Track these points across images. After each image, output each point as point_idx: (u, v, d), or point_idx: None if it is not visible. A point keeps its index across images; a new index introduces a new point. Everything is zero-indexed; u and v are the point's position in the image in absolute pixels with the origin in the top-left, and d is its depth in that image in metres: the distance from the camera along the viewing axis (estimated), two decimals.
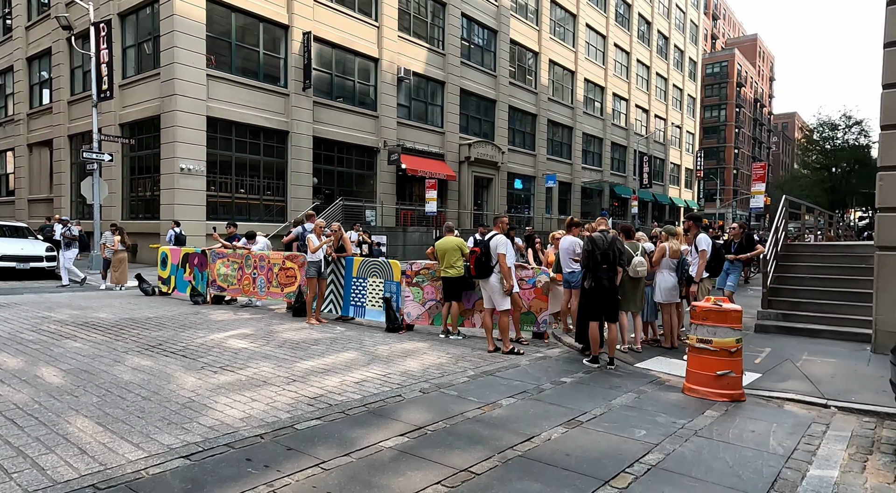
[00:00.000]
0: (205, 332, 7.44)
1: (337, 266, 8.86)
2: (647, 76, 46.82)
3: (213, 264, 10.54)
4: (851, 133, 36.79)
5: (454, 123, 27.56)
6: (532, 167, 33.60)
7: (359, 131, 23.07)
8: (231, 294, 10.32)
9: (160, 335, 7.14)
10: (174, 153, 17.16)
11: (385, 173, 24.24)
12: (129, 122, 19.30)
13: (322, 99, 21.53)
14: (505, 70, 30.66)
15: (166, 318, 8.65)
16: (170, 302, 10.64)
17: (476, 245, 6.62)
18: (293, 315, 9.18)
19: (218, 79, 18.23)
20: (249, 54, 19.49)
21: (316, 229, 8.55)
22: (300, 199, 20.90)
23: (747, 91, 73.48)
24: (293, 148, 20.60)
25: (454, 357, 6.19)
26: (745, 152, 74.75)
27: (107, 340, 6.78)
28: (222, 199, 19.04)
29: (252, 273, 9.97)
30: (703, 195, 59.97)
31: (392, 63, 24.00)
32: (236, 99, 18.79)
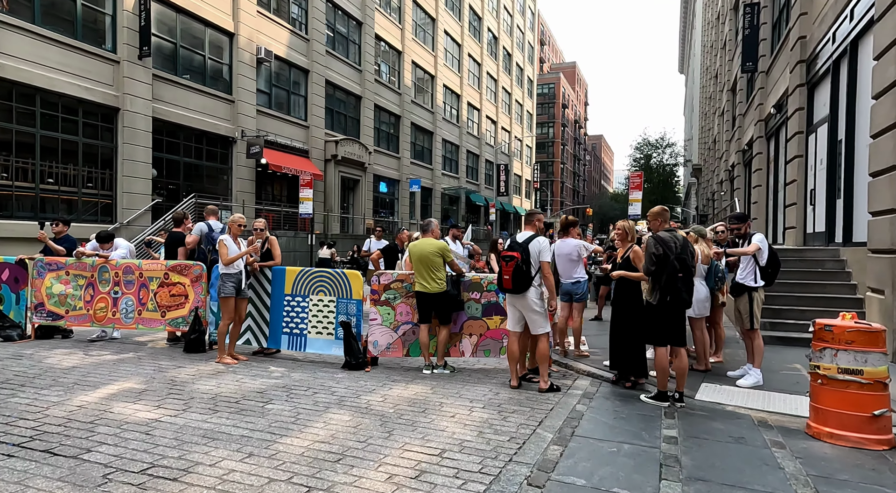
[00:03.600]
0: (61, 393, 4.59)
1: (258, 280, 6.44)
2: (495, 89, 48.94)
3: (38, 280, 7.12)
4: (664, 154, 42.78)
5: (319, 116, 24.99)
6: (397, 170, 32.32)
7: (211, 117, 19.34)
8: (72, 323, 7.05)
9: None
10: None
11: (243, 168, 20.75)
12: None
13: (164, 73, 17.48)
14: (371, 65, 28.94)
15: None
16: None
17: (512, 248, 4.99)
18: (184, 351, 6.48)
19: (13, 28, 13.45)
20: (62, 2, 14.86)
21: (232, 230, 6.06)
22: (134, 194, 16.62)
23: (570, 112, 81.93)
24: (125, 130, 16.28)
25: (488, 406, 4.52)
26: (568, 167, 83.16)
27: None
28: (20, 191, 14.10)
29: (111, 292, 6.90)
30: (539, 205, 64.83)
31: (250, 41, 20.71)
32: (43, 59, 14.10)
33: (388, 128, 31.68)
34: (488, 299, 6.05)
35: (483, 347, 6.04)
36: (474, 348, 6.04)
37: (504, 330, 6.04)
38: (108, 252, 7.02)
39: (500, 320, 6.03)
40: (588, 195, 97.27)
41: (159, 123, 17.30)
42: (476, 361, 6.42)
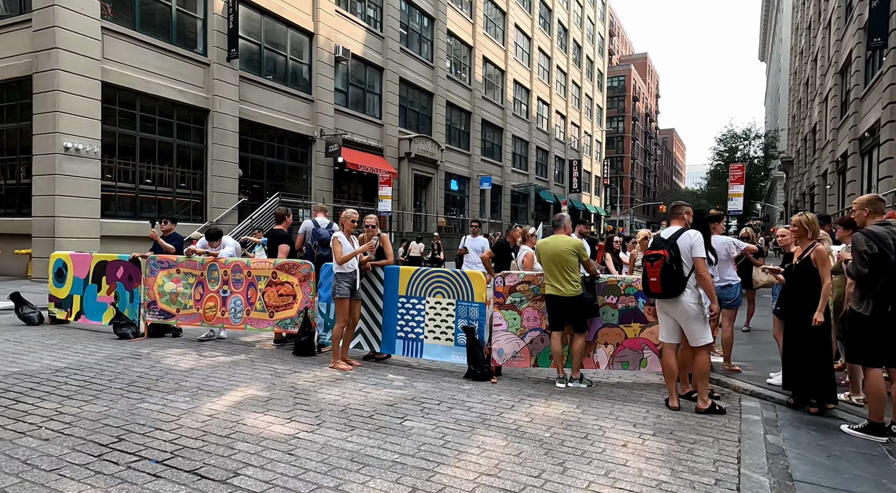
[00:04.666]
0: (188, 399, 4.34)
1: (369, 280, 6.06)
2: (565, 83, 47.45)
3: (151, 278, 7.10)
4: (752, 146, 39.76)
5: (393, 114, 24.90)
6: (467, 168, 31.86)
7: (292, 116, 19.60)
8: (182, 322, 6.97)
9: (104, 412, 3.95)
10: (55, 127, 12.74)
11: (321, 167, 20.94)
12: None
13: (250, 74, 17.84)
14: (443, 62, 28.62)
15: (89, 369, 5.27)
16: (75, 336, 7.00)
17: (657, 246, 4.31)
18: (294, 354, 6.20)
19: (117, 35, 14.01)
20: (159, 8, 15.39)
21: (345, 226, 5.70)
22: (223, 194, 17.04)
23: (640, 105, 78.53)
24: (215, 131, 16.71)
25: (658, 433, 3.86)
26: (638, 163, 79.76)
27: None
28: (122, 191, 14.72)
29: (220, 291, 6.75)
30: (608, 202, 62.52)
31: (329, 40, 20.83)
32: (142, 63, 14.64)
33: (458, 125, 31.27)
34: (626, 304, 5.35)
35: (621, 358, 5.35)
36: (611, 360, 5.36)
37: (645, 340, 5.33)
38: (217, 250, 6.88)
39: (640, 329, 5.32)
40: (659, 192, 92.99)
41: (244, 124, 17.67)
42: (608, 373, 5.74)
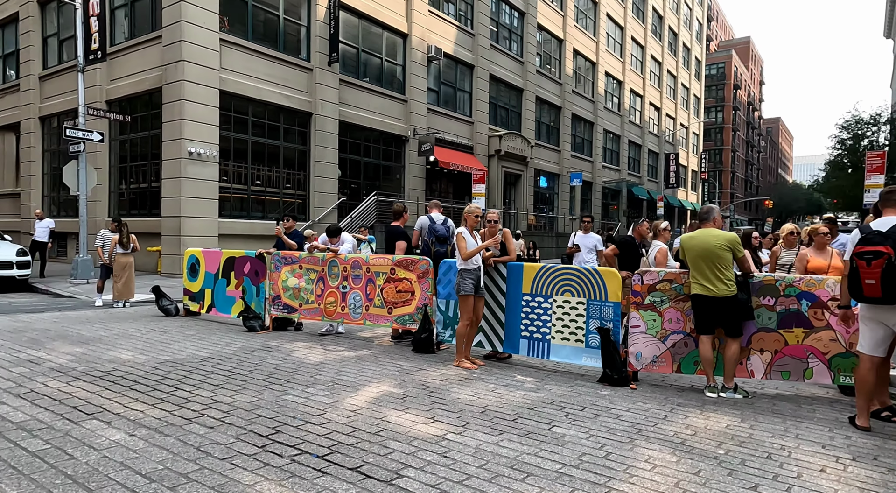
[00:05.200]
0: (327, 393, 4.37)
1: (490, 277, 5.87)
2: (660, 73, 44.95)
3: (275, 274, 7.39)
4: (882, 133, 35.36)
5: (483, 111, 24.74)
6: (557, 164, 31.04)
7: (387, 117, 20.00)
8: (305, 316, 7.18)
9: (254, 402, 4.05)
10: (181, 133, 13.81)
11: (414, 166, 21.22)
12: (119, 98, 15.81)
13: (348, 77, 18.39)
14: (532, 57, 28.04)
15: (229, 359, 5.51)
16: (209, 327, 7.45)
17: (872, 241, 3.65)
18: (413, 350, 6.16)
19: (232, 45, 14.94)
20: (268, 18, 16.24)
21: (468, 221, 5.55)
22: (324, 194, 17.72)
23: (742, 94, 72.82)
24: (317, 133, 17.40)
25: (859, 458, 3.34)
26: (739, 155, 74.03)
27: (165, 417, 3.67)
28: (236, 192, 15.71)
29: (340, 286, 6.87)
30: (706, 198, 58.56)
31: (422, 40, 21.03)
32: (253, 71, 15.52)
33: (548, 120, 30.53)
34: (786, 307, 4.75)
35: (780, 367, 4.77)
36: (767, 368, 4.79)
37: (810, 348, 4.70)
38: (337, 246, 7.02)
39: (804, 335, 4.71)
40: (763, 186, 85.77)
41: (342, 126, 18.24)
42: (761, 383, 5.15)
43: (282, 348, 6.19)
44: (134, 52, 15.21)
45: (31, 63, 18.16)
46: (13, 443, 3.16)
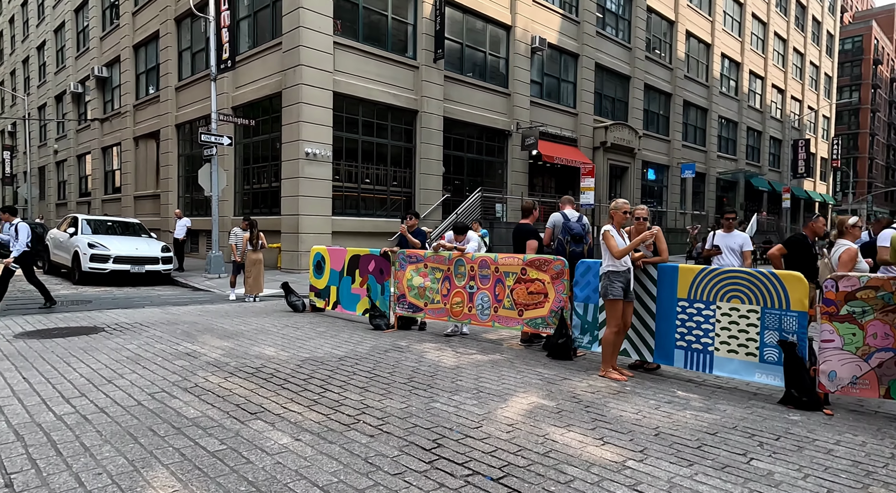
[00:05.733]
0: (474, 402, 4.15)
1: (638, 280, 5.34)
2: (784, 51, 40.61)
3: (400, 272, 7.35)
4: None
5: (588, 102, 23.65)
6: (666, 155, 29.05)
7: (489, 111, 19.70)
8: (430, 316, 7.07)
9: (405, 409, 3.91)
10: (299, 135, 14.44)
11: (517, 161, 20.75)
12: (243, 104, 16.91)
13: (452, 73, 18.31)
14: (640, 41, 26.37)
15: (365, 359, 5.48)
16: (337, 324, 7.58)
17: None
18: (549, 356, 5.80)
19: (344, 48, 15.38)
20: (377, 19, 16.55)
21: (616, 218, 5.08)
22: (429, 191, 17.80)
23: (884, 69, 63.99)
24: (422, 130, 17.51)
25: None
26: (880, 139, 65.19)
27: (323, 421, 3.63)
28: (348, 191, 16.21)
29: (467, 286, 6.66)
30: (838, 188, 52.27)
31: (526, 31, 20.46)
32: (363, 72, 15.89)
33: (657, 108, 28.62)
34: None
35: None
36: None
37: None
38: (464, 245, 6.82)
39: None
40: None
41: (447, 122, 18.21)
42: None
43: (412, 348, 6.10)
44: (256, 60, 16.16)
45: (169, 75, 19.98)
46: (193, 441, 3.23)
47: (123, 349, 5.67)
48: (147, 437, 3.28)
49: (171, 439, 3.26)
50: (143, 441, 3.21)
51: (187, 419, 3.60)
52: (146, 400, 3.99)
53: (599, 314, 5.63)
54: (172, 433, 3.35)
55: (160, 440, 3.24)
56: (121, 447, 3.12)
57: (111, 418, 3.60)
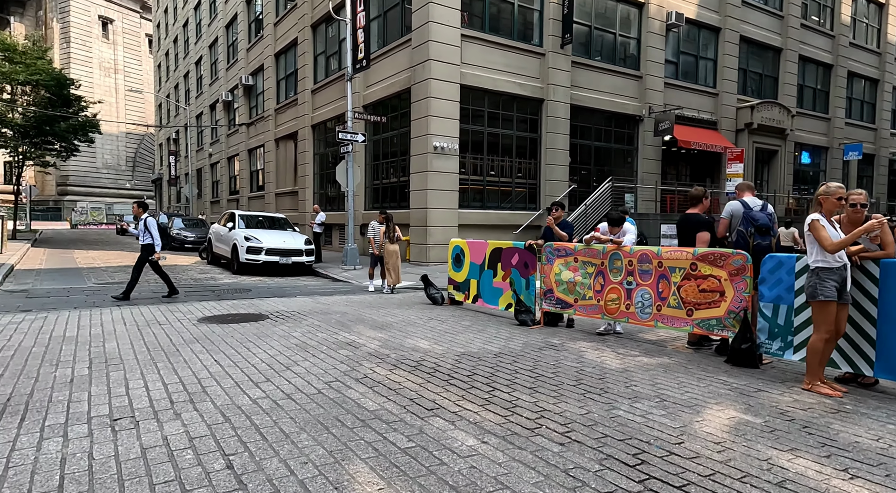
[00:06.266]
0: (659, 411, 3.74)
1: (855, 278, 4.50)
2: None
3: (547, 266, 7.03)
4: None
5: (731, 80, 21.38)
6: (825, 135, 25.44)
7: (619, 96, 18.55)
8: (581, 313, 6.66)
9: (586, 416, 3.63)
10: (427, 130, 14.64)
11: (649, 147, 19.36)
12: (373, 102, 17.56)
13: (580, 58, 17.48)
14: (795, 8, 23.25)
15: (521, 357, 5.25)
16: (480, 318, 7.47)
17: None
18: (727, 362, 5.14)
19: (470, 39, 15.29)
20: (502, 7, 16.24)
21: (825, 206, 4.31)
22: (554, 181, 17.20)
23: None
24: (548, 119, 16.94)
25: None
26: None
27: (503, 423, 3.46)
28: (473, 183, 16.17)
29: (624, 282, 6.16)
30: None
31: (660, 7, 18.92)
32: (489, 62, 15.70)
33: (813, 83, 25.14)
34: None
35: None
36: None
37: None
38: (620, 237, 6.32)
39: None
40: None
41: (573, 109, 17.44)
42: None
43: (567, 347, 5.76)
44: (385, 59, 16.66)
45: (306, 79, 21.40)
46: (381, 435, 3.21)
47: (290, 337, 5.99)
48: (337, 427, 3.32)
49: (359, 431, 3.27)
50: (335, 432, 3.24)
51: (368, 411, 3.61)
52: (324, 389, 4.10)
53: (794, 317, 4.87)
54: (359, 426, 3.36)
55: (349, 431, 3.26)
56: (316, 435, 3.18)
57: (299, 405, 3.72)
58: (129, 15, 63.66)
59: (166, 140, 45.52)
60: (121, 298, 8.66)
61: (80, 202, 59.04)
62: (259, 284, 11.39)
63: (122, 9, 62.79)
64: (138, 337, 5.83)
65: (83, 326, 6.37)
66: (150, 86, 59.97)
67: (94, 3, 60.06)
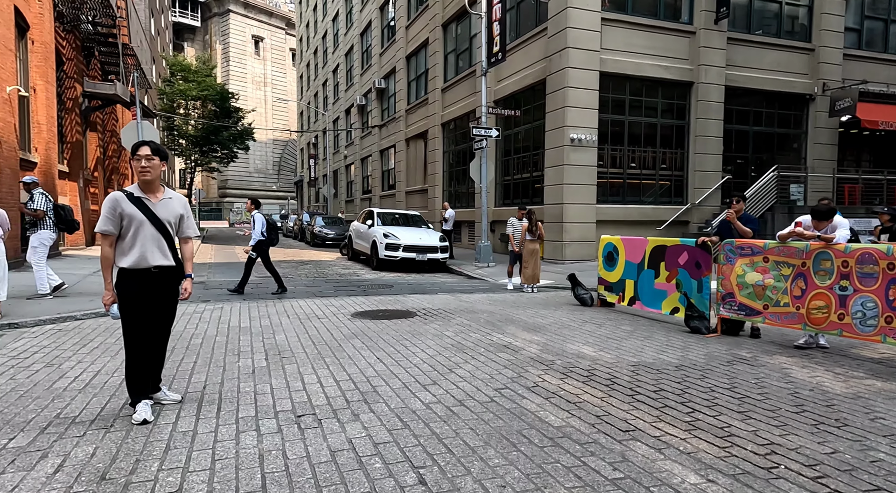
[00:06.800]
0: None
1: None
2: None
3: (726, 267, 6.12)
4: None
5: None
6: None
7: (784, 74, 16.23)
8: (772, 322, 5.68)
9: (835, 456, 2.94)
10: (564, 121, 13.94)
11: (822, 130, 16.73)
12: (503, 97, 17.21)
13: (736, 33, 15.56)
14: None
15: (710, 371, 4.53)
16: (640, 323, 6.74)
17: None
18: None
19: (611, 23, 14.27)
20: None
21: None
22: (705, 173, 15.53)
23: None
24: (698, 104, 15.31)
25: None
26: None
27: (724, 457, 2.88)
28: (612, 177, 15.14)
29: (836, 287, 5.10)
30: None
31: None
32: (631, 46, 14.55)
33: None
34: None
35: None
36: None
37: None
38: (829, 233, 5.26)
39: None
40: None
41: (728, 91, 15.58)
42: None
43: (763, 362, 4.89)
44: (518, 52, 16.20)
45: (436, 79, 21.70)
46: (579, 460, 2.80)
47: (443, 336, 5.83)
48: (525, 445, 2.97)
49: (551, 452, 2.89)
50: (525, 450, 2.90)
51: (554, 428, 3.23)
52: (496, 397, 3.80)
53: None
54: (549, 445, 2.98)
55: (540, 451, 2.89)
56: (505, 453, 2.86)
57: (475, 414, 3.45)
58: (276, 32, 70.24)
59: (307, 145, 49.42)
60: (234, 291, 8.85)
61: (236, 203, 66.47)
62: (399, 280, 11.61)
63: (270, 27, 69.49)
64: (302, 330, 6.04)
65: (253, 317, 6.80)
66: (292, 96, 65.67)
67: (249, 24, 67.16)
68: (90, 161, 18.09)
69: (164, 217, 3.32)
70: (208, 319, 6.65)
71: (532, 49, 15.51)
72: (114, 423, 3.21)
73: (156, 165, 3.29)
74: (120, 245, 3.22)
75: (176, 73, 34.17)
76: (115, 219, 3.17)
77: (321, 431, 3.13)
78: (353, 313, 7.24)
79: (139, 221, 3.21)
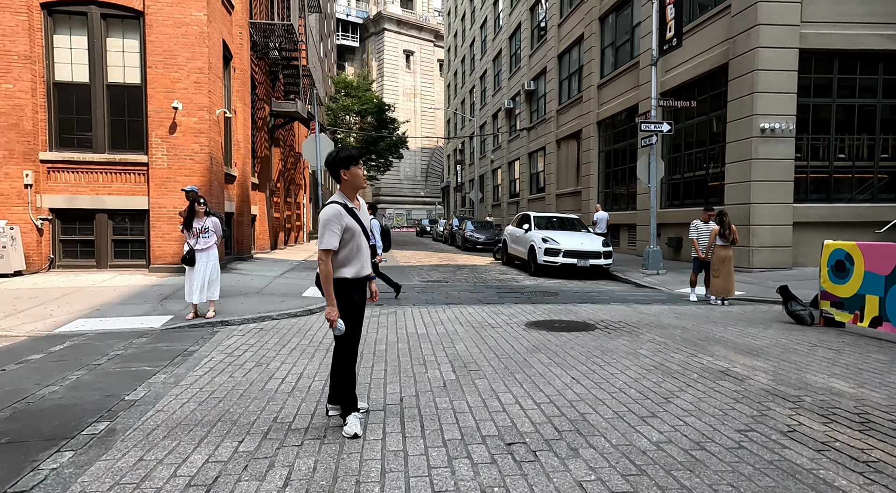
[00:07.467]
0: None
1: None
2: None
3: None
4: None
5: None
6: None
7: None
8: None
9: None
10: (751, 110, 12.14)
11: None
12: (671, 89, 15.62)
13: None
14: None
15: None
16: (894, 352, 5.33)
17: None
18: None
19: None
20: None
21: None
22: None
23: None
24: None
25: None
26: None
27: None
28: (813, 171, 12.85)
29: None
30: None
31: None
32: (842, 15, 12.21)
33: None
34: None
35: None
36: None
37: None
38: None
39: None
40: None
41: None
42: None
43: None
44: (691, 37, 14.57)
45: (591, 75, 20.60)
46: None
47: (638, 355, 5.14)
48: None
49: None
50: None
51: None
52: (744, 442, 3.07)
53: None
54: None
55: None
56: None
57: (726, 464, 2.78)
58: (425, 45, 73.61)
59: (453, 151, 50.80)
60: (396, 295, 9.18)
61: (389, 209, 70.83)
62: (562, 287, 10.98)
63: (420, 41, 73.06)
64: (480, 340, 5.78)
65: (427, 324, 6.73)
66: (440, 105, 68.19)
67: (401, 39, 71.33)
68: (274, 173, 20.29)
69: (366, 225, 3.27)
70: (385, 324, 6.73)
71: (710, 32, 13.83)
72: (326, 433, 3.15)
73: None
74: (336, 256, 3.15)
75: (340, 89, 37.32)
76: (341, 233, 3.11)
77: (541, 466, 2.73)
78: (526, 322, 6.83)
79: (357, 232, 3.16)
